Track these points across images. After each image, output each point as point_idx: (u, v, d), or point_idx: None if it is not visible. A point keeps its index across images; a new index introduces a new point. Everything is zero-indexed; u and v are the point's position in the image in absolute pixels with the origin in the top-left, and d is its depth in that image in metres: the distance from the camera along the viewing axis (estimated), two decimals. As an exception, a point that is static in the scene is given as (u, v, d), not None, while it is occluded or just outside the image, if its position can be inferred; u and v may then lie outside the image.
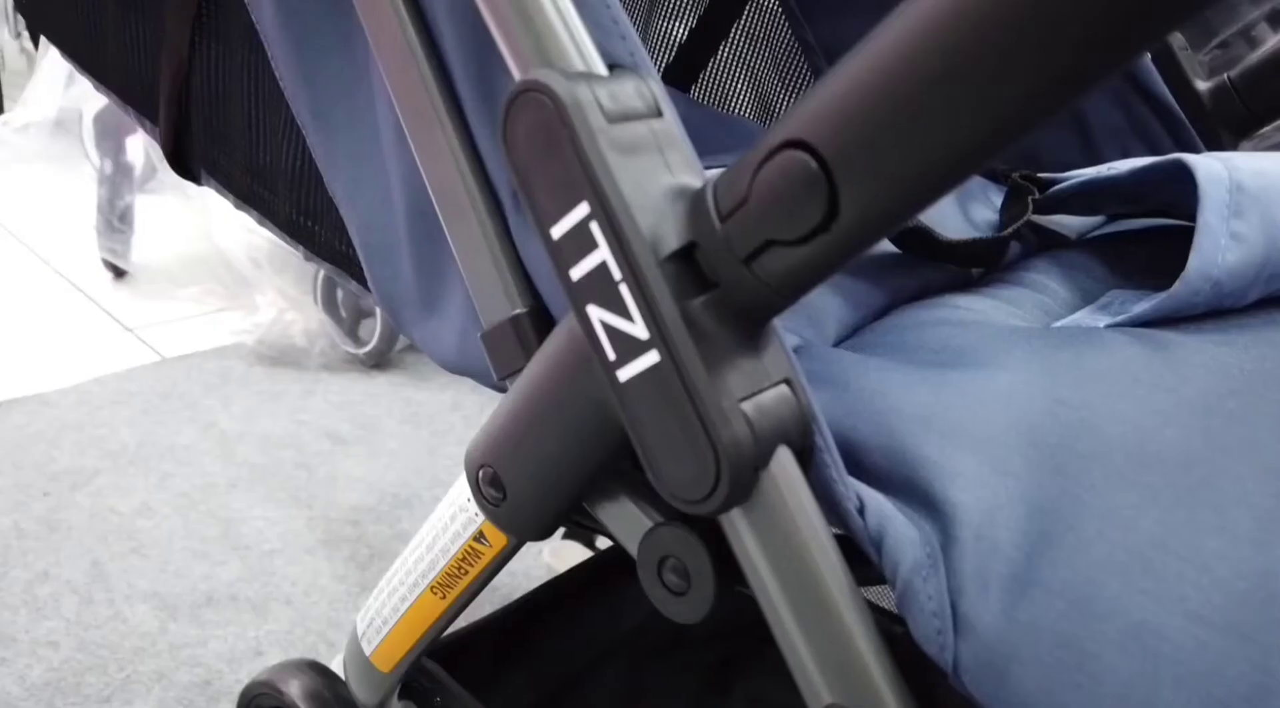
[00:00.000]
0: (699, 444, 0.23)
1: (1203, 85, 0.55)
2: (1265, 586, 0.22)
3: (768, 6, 0.71)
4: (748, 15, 0.72)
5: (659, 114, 0.26)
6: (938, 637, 0.23)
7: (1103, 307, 0.39)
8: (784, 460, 0.24)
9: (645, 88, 0.26)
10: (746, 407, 0.24)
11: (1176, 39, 0.57)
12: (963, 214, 0.46)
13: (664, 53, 0.77)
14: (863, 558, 0.26)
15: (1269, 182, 0.37)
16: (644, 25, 0.78)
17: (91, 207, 1.56)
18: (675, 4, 0.75)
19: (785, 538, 0.24)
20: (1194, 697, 0.21)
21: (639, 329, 0.24)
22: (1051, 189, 0.46)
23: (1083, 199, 0.47)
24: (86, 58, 0.58)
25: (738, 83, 0.74)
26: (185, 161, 0.52)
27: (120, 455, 1.14)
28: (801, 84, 0.71)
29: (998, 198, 0.51)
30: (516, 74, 0.27)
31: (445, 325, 0.37)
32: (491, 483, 0.31)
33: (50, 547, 0.98)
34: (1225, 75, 0.55)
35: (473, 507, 0.33)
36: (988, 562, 0.23)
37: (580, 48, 0.26)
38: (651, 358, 0.24)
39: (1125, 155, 0.56)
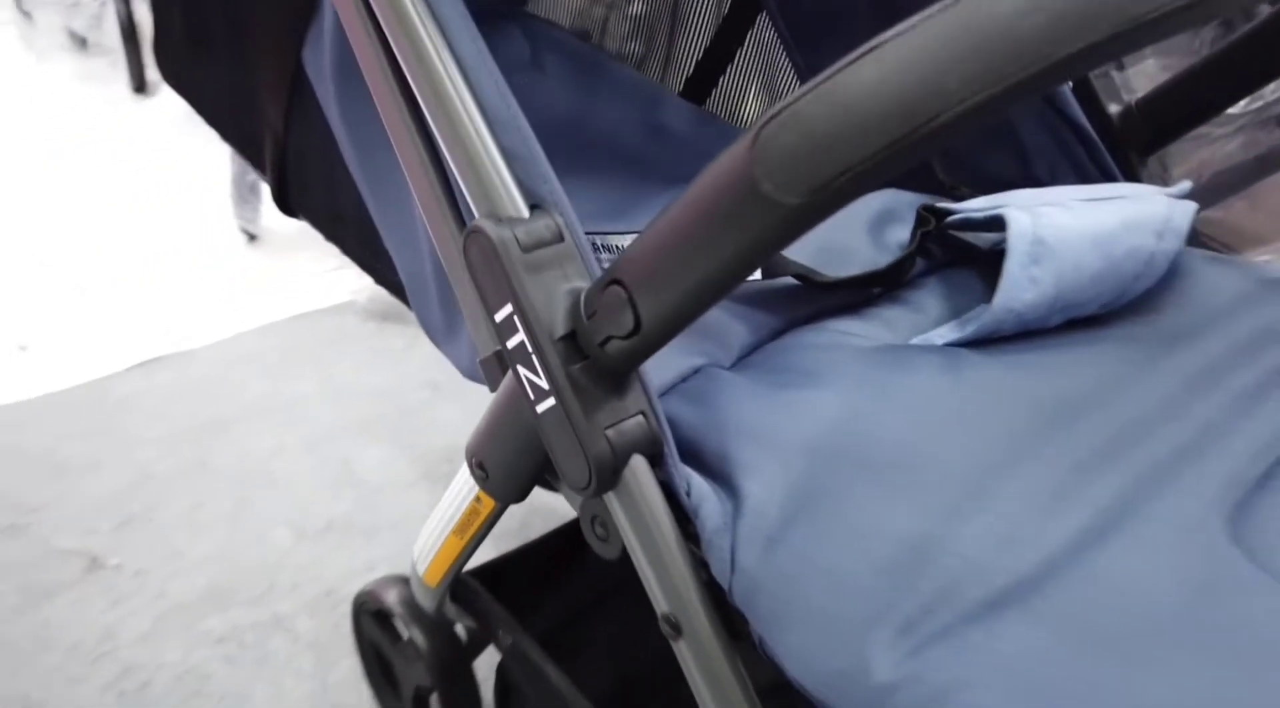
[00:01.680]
0: (579, 456, 0.38)
1: (1114, 109, 0.64)
2: (921, 548, 0.35)
3: (767, 35, 0.82)
4: (750, 41, 0.83)
5: (561, 240, 0.40)
6: (723, 574, 0.37)
7: (959, 324, 0.51)
8: (637, 464, 0.39)
9: (553, 222, 0.40)
10: (610, 432, 0.38)
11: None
12: (874, 239, 0.58)
13: (684, 70, 0.89)
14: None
15: (1066, 235, 0.48)
16: (666, 49, 0.90)
17: (227, 179, 1.77)
18: (692, 31, 0.87)
19: (637, 510, 0.39)
20: (849, 613, 0.34)
21: (543, 382, 0.38)
22: (947, 219, 0.58)
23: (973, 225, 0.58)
24: (211, 115, 0.75)
25: (745, 98, 0.85)
26: (286, 202, 0.68)
27: (253, 405, 1.35)
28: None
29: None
30: (474, 209, 0.41)
31: (462, 348, 0.52)
32: (479, 467, 0.46)
33: (203, 484, 1.19)
34: (1130, 101, 0.64)
35: (473, 480, 0.49)
36: (755, 528, 0.37)
37: (510, 195, 0.40)
38: (551, 402, 0.38)
39: (1053, 174, 0.66)
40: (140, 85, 2.45)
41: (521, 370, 0.39)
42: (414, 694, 0.78)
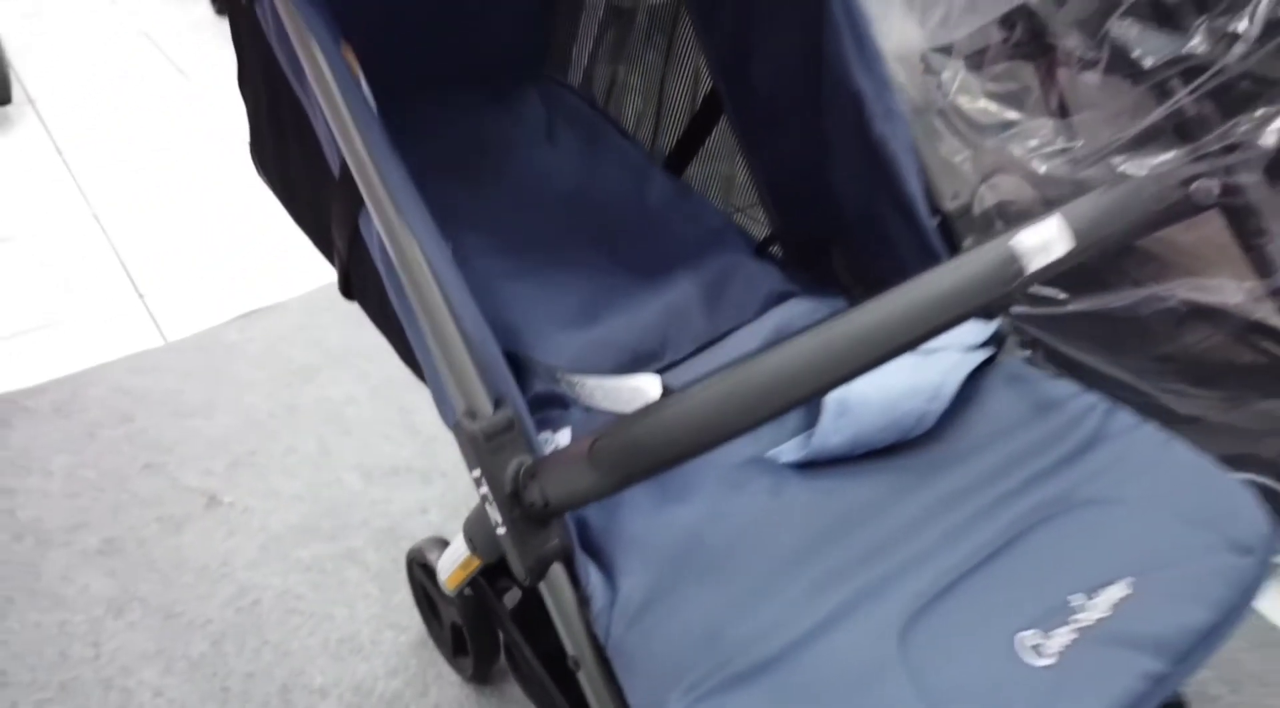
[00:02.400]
0: (518, 565, 0.63)
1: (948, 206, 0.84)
2: (716, 632, 0.59)
3: (725, 131, 1.01)
4: (717, 132, 1.03)
5: (511, 428, 0.63)
6: (603, 637, 0.62)
7: (798, 444, 0.73)
8: (556, 569, 0.63)
9: (508, 415, 0.63)
10: (537, 555, 0.62)
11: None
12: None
13: (668, 143, 1.09)
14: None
15: (862, 400, 0.70)
16: (655, 124, 1.10)
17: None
18: (674, 115, 1.06)
19: (555, 594, 0.64)
20: (663, 674, 0.59)
21: (498, 517, 0.63)
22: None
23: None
24: (289, 205, 0.98)
25: (712, 177, 1.06)
26: (347, 291, 0.92)
27: (333, 353, 1.62)
28: (748, 182, 1.02)
29: None
30: (457, 403, 0.65)
31: (450, 414, 0.76)
32: (469, 540, 0.72)
33: (292, 426, 1.48)
34: (941, 211, 0.84)
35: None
36: (623, 612, 0.62)
37: (481, 396, 0.63)
38: (502, 530, 0.63)
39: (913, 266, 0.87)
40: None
41: (487, 505, 0.64)
42: (451, 626, 1.06)
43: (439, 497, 1.36)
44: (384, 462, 1.41)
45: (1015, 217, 1.30)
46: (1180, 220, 1.16)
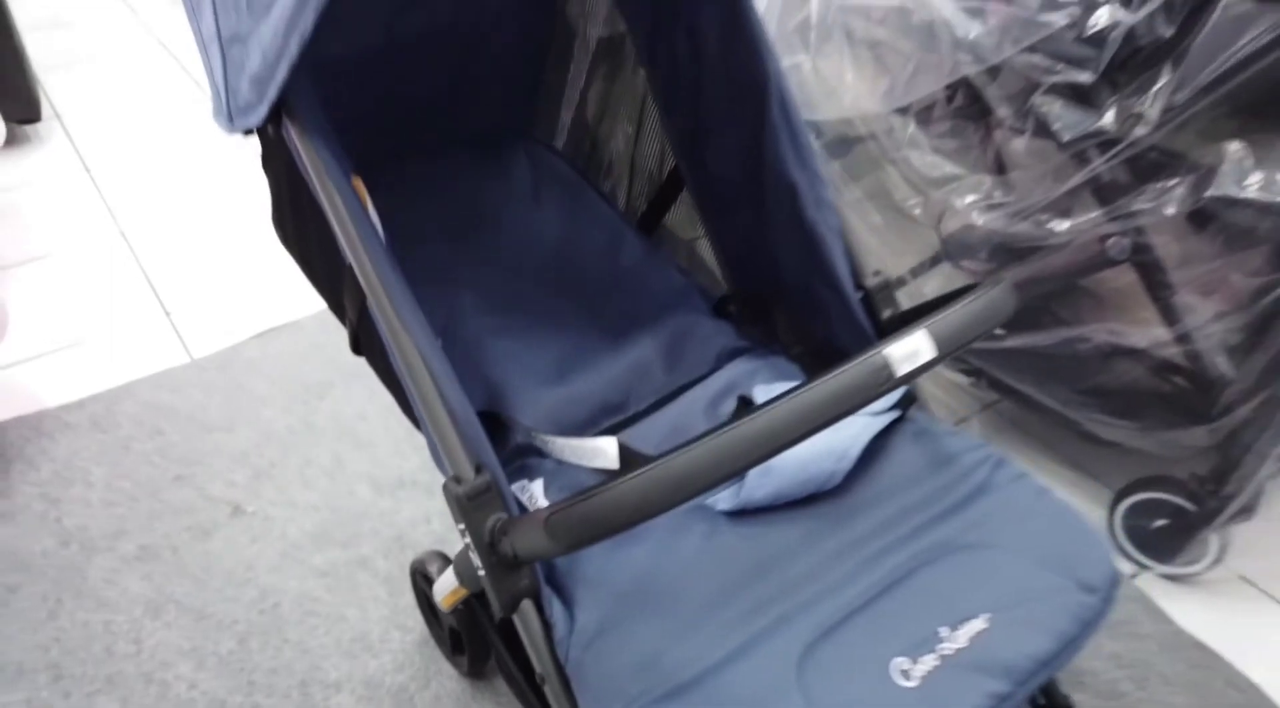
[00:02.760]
0: (496, 603, 0.77)
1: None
2: (650, 659, 0.74)
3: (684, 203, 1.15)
4: (680, 201, 1.17)
5: (489, 490, 0.77)
6: (564, 660, 0.77)
7: (731, 495, 0.88)
8: (526, 603, 0.78)
9: (486, 480, 0.77)
10: (510, 593, 0.77)
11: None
12: (708, 415, 0.94)
13: (639, 206, 1.23)
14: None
15: (781, 460, 0.83)
16: (629, 188, 1.24)
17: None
18: (644, 181, 1.20)
19: (525, 624, 0.78)
20: (607, 693, 0.74)
21: (479, 562, 0.77)
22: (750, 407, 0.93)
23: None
24: (306, 271, 1.12)
25: (679, 238, 1.19)
26: (357, 349, 1.06)
27: (345, 371, 1.77)
28: (706, 249, 1.16)
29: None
30: (445, 467, 0.79)
31: (442, 465, 0.91)
32: (457, 574, 0.87)
33: (308, 441, 1.63)
34: (864, 287, 0.98)
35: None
36: (580, 640, 0.76)
37: (464, 462, 0.78)
38: (482, 572, 0.77)
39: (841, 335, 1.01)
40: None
41: (469, 550, 0.78)
42: (449, 629, 1.22)
43: (441, 508, 1.51)
44: (392, 475, 1.56)
45: (975, 244, 1.43)
46: (1099, 271, 1.29)
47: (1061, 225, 1.26)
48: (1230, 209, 1.13)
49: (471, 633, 1.15)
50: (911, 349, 0.70)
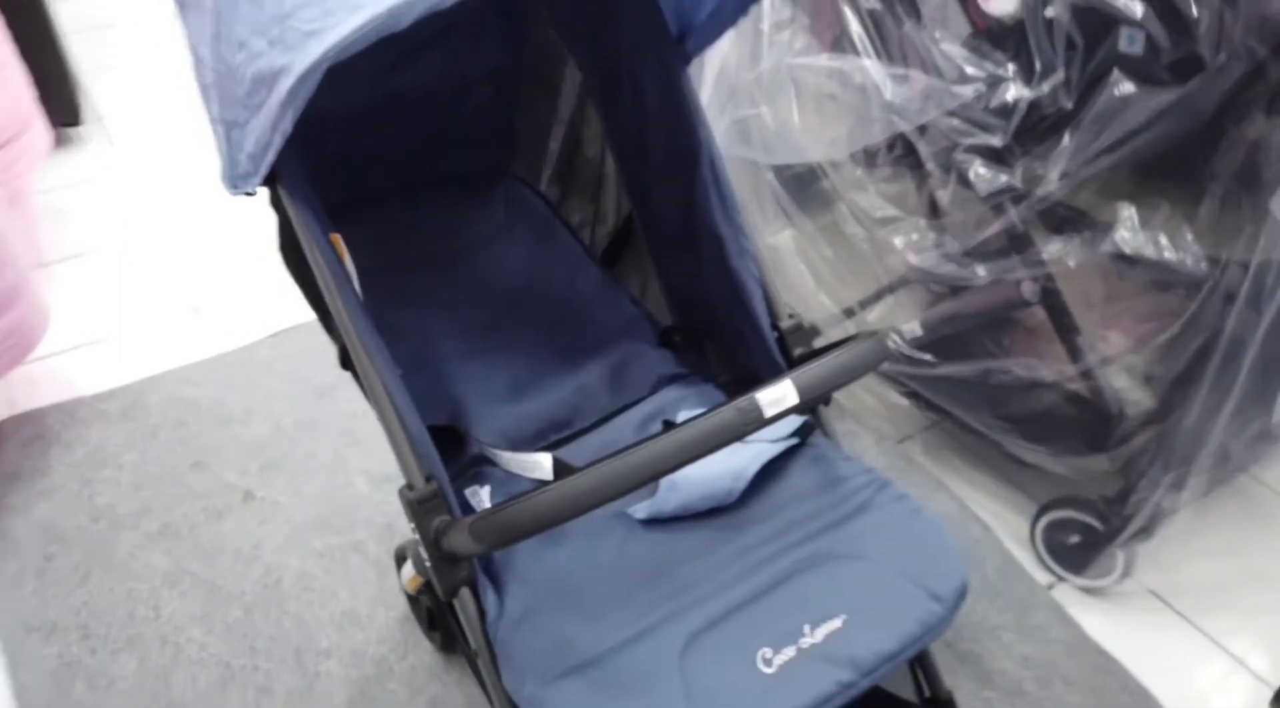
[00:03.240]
0: (439, 589, 0.93)
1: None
2: (564, 641, 0.90)
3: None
4: (635, 241, 1.32)
5: (436, 497, 0.93)
6: (493, 640, 0.93)
7: (649, 506, 1.04)
8: (464, 590, 0.94)
9: (433, 488, 0.93)
10: (451, 582, 0.93)
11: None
12: (639, 434, 1.10)
13: (602, 242, 1.39)
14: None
15: (686, 478, 0.99)
16: (593, 227, 1.40)
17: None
18: (605, 223, 1.36)
19: (463, 607, 0.95)
20: (526, 667, 0.90)
21: (425, 556, 0.94)
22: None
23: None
24: (306, 296, 1.29)
25: (634, 273, 1.35)
26: (345, 364, 1.23)
27: (347, 375, 1.94)
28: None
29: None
30: (403, 473, 0.96)
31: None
32: (411, 560, 1.03)
33: (313, 436, 1.80)
34: (778, 328, 1.13)
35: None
36: (507, 623, 0.91)
37: (417, 474, 0.94)
38: (429, 564, 0.94)
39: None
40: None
41: (419, 548, 0.95)
42: (425, 609, 1.39)
43: (428, 499, 1.68)
44: (386, 469, 1.73)
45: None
46: (1014, 310, 1.44)
47: (981, 269, 1.40)
48: (1120, 262, 1.27)
49: (442, 613, 1.32)
50: (779, 395, 0.86)
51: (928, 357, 1.54)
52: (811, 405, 1.09)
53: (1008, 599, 1.53)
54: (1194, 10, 1.09)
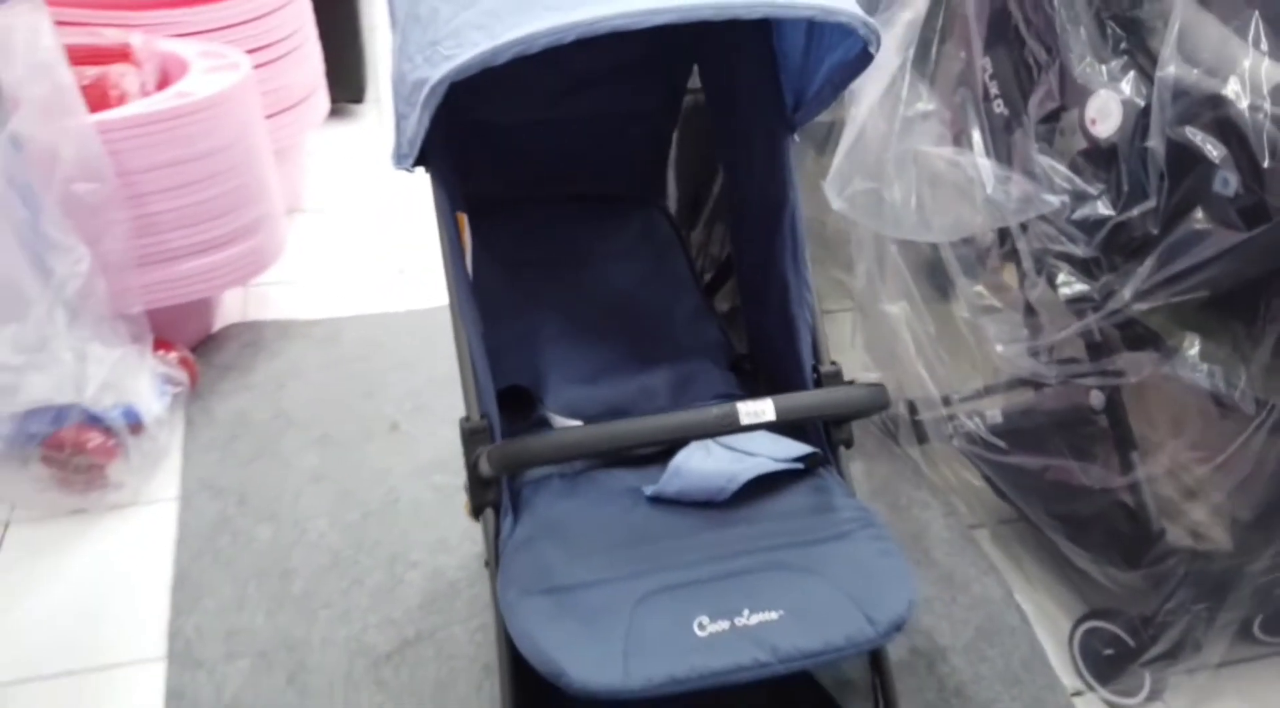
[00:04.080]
0: (471, 506, 1.16)
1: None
2: (551, 569, 1.10)
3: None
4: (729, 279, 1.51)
5: (484, 431, 1.16)
6: (501, 556, 1.14)
7: (657, 487, 1.22)
8: (488, 512, 1.16)
9: (483, 423, 1.16)
10: (480, 500, 1.16)
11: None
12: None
13: (708, 274, 1.59)
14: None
15: (689, 469, 1.17)
16: (703, 265, 1.59)
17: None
18: (711, 262, 1.56)
19: (486, 523, 1.17)
20: (522, 583, 1.10)
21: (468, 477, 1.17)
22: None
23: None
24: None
25: (725, 305, 1.54)
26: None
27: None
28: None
29: None
30: (466, 408, 1.19)
31: None
32: (465, 487, 1.27)
33: (458, 392, 2.10)
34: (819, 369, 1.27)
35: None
36: (515, 543, 1.12)
37: (476, 412, 1.17)
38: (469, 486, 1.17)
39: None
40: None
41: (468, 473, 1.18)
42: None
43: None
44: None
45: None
46: (1081, 415, 1.51)
47: (1056, 369, 1.49)
48: (1179, 385, 1.33)
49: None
50: (758, 409, 1.03)
51: (1001, 443, 1.63)
52: (829, 431, 1.24)
53: (1023, 691, 1.58)
54: (1265, 161, 1.16)
